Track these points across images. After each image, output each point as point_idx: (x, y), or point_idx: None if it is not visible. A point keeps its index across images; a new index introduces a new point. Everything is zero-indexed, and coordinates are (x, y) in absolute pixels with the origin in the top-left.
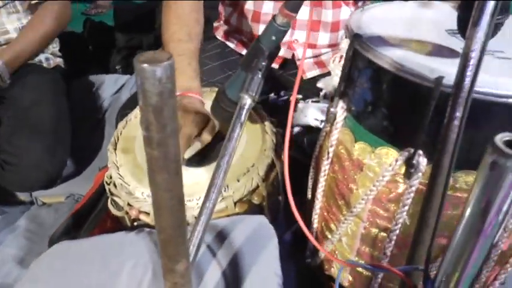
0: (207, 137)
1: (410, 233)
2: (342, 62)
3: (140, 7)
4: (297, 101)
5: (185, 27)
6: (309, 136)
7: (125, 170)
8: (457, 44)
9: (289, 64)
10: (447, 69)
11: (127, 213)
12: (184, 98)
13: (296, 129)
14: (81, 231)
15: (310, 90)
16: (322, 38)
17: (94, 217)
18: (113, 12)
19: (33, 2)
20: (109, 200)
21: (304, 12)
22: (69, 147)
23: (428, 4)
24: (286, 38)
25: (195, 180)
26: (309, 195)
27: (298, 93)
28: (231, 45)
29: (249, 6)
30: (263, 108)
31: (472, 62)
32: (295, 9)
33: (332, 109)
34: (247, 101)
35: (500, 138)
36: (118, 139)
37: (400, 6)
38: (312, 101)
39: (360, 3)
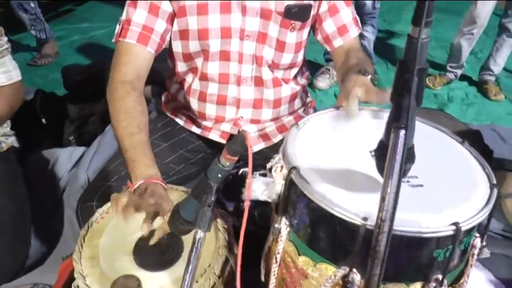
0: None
1: None
2: (284, 171)
3: (89, 68)
4: (244, 175)
5: (133, 120)
6: (259, 208)
7: (92, 281)
8: None
9: None
10: (371, 209)
11: None
12: (149, 185)
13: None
14: None
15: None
16: (265, 113)
17: None
18: (61, 74)
19: None
20: None
21: (248, 92)
22: (30, 239)
23: (351, 115)
24: (232, 116)
25: (159, 285)
26: None
27: (244, 166)
28: (180, 122)
29: (195, 86)
30: None
31: (388, 206)
32: (236, 155)
33: (276, 225)
34: (201, 235)
35: None
36: (82, 247)
37: (329, 121)
38: (260, 174)
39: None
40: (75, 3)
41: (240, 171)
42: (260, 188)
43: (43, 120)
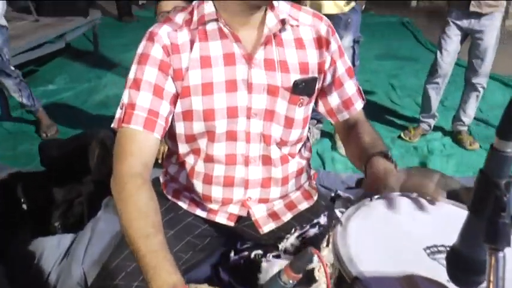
0: None
1: None
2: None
3: (69, 142)
4: (258, 260)
5: (147, 219)
6: None
7: None
8: (438, 268)
9: (244, 218)
10: None
11: None
12: None
13: None
14: None
15: (268, 244)
16: (273, 192)
17: None
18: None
19: None
20: None
21: (256, 172)
22: None
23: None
24: (240, 197)
25: None
26: None
27: (257, 249)
28: (183, 205)
29: (199, 168)
30: (223, 268)
31: None
32: (301, 272)
33: None
34: None
35: None
36: None
37: (371, 214)
38: (273, 256)
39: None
40: (37, 63)
41: (253, 255)
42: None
43: (24, 206)
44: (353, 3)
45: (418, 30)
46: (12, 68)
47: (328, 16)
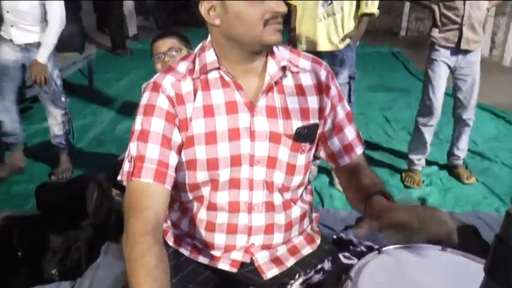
0: None
1: None
2: None
3: (66, 187)
4: None
5: (156, 282)
6: None
7: None
8: None
9: (246, 264)
10: None
11: None
12: None
13: None
14: None
15: None
16: (276, 238)
17: None
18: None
19: None
20: None
21: (259, 219)
22: None
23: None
24: (243, 244)
25: None
26: None
27: None
28: (185, 252)
29: (201, 216)
30: None
31: None
32: None
33: None
34: None
35: None
36: None
37: (384, 267)
38: None
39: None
40: (31, 100)
41: None
42: None
43: (19, 253)
44: (348, 41)
45: (407, 61)
46: (63, 99)
47: (324, 53)
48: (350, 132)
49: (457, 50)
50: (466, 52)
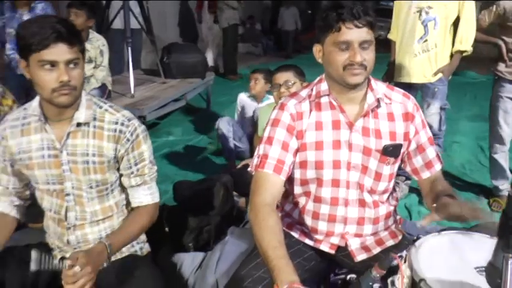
0: None
1: None
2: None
3: (198, 184)
4: (351, 281)
5: (275, 236)
6: None
7: None
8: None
9: (342, 248)
10: None
11: None
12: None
13: None
14: None
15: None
16: (367, 229)
17: None
18: (172, 188)
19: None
20: None
21: (353, 212)
22: None
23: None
24: (340, 231)
25: None
26: None
27: (351, 273)
28: (295, 235)
29: (309, 207)
30: (324, 286)
31: None
32: (385, 268)
33: None
34: None
35: None
36: None
37: (437, 243)
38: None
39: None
40: (158, 117)
41: (348, 277)
42: None
43: (166, 229)
44: (440, 75)
45: None
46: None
47: (417, 85)
48: (431, 152)
49: None
50: None
